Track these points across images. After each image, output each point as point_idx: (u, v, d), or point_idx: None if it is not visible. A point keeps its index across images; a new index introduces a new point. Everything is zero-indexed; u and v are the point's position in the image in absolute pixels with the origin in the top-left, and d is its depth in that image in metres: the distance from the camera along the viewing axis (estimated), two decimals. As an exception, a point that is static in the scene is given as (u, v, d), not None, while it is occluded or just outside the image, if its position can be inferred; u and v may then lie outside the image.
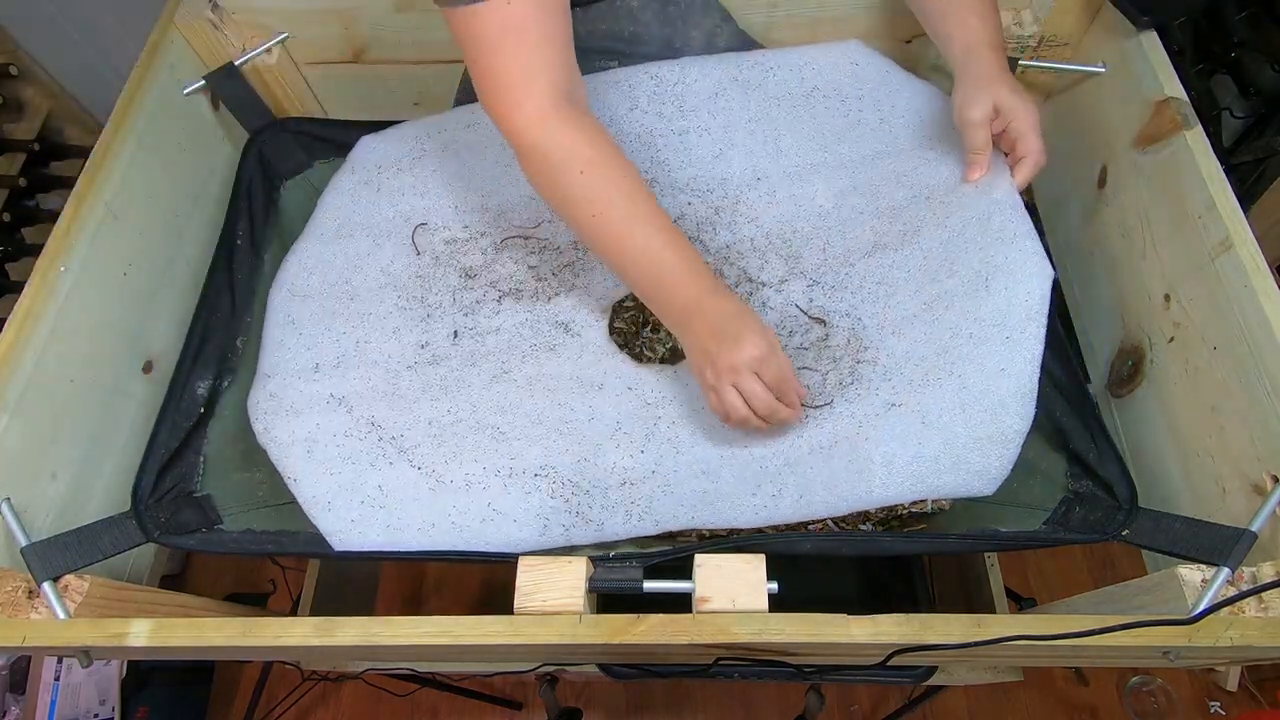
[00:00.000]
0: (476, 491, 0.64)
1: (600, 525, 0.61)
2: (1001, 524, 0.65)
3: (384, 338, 0.72)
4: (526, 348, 0.71)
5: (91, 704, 1.21)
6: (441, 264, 0.76)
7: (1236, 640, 0.47)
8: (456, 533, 0.62)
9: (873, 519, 0.75)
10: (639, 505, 0.62)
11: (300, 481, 0.65)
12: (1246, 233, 0.58)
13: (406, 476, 0.65)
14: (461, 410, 0.68)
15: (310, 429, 0.67)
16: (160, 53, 0.77)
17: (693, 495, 0.62)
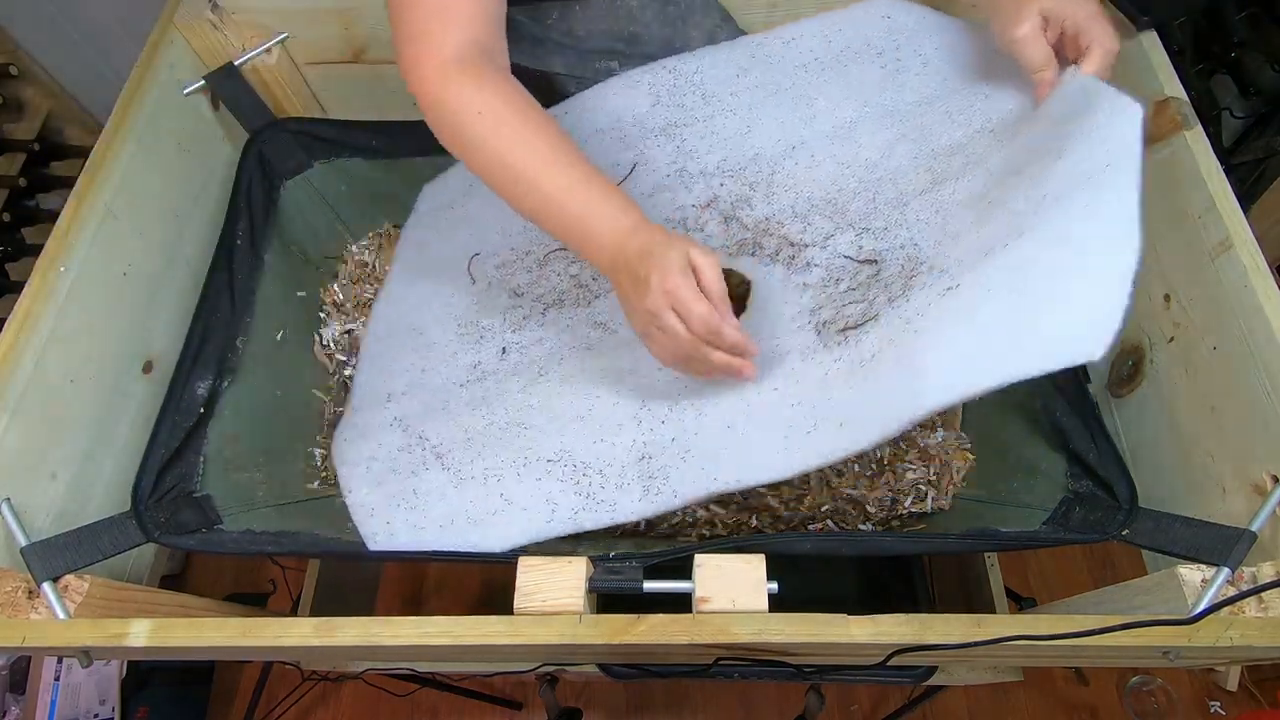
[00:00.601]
0: (492, 484, 0.65)
1: (613, 505, 0.60)
2: (1001, 524, 0.65)
3: (443, 363, 0.76)
4: (565, 351, 0.72)
5: (91, 704, 1.21)
6: (494, 288, 0.78)
7: (1236, 640, 0.47)
8: (471, 526, 0.63)
9: (872, 519, 0.75)
10: (656, 479, 0.61)
11: (353, 492, 0.69)
12: (1246, 233, 0.58)
13: (437, 479, 0.67)
14: (496, 415, 0.70)
15: (373, 448, 0.72)
16: (160, 53, 0.77)
17: (715, 456, 0.59)
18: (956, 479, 0.76)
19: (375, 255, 0.94)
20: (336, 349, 0.88)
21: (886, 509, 0.76)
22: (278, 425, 0.78)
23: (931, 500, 0.75)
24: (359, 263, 0.94)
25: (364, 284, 0.93)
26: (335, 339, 0.88)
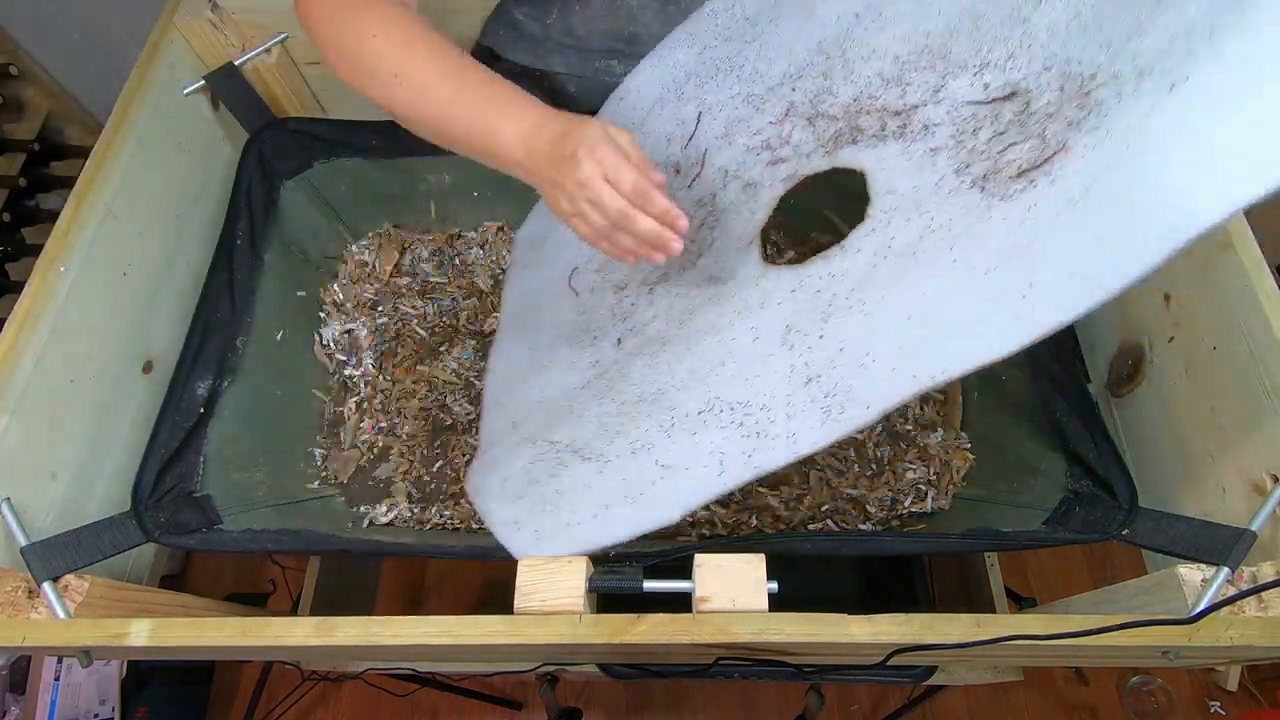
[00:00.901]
0: (642, 456, 0.59)
1: (792, 437, 0.53)
2: (1001, 524, 0.65)
3: (560, 376, 0.72)
4: (683, 315, 0.66)
5: (91, 704, 1.21)
6: (597, 292, 0.75)
7: (1236, 640, 0.47)
8: (629, 505, 0.57)
9: (872, 519, 0.75)
10: (836, 397, 0.52)
11: (494, 512, 0.65)
12: (1246, 233, 0.58)
13: (578, 472, 0.62)
14: (627, 394, 0.64)
15: (505, 470, 0.68)
16: (160, 53, 0.77)
17: (905, 351, 0.50)
18: (956, 479, 0.76)
19: (375, 255, 0.94)
20: (336, 349, 0.88)
21: (886, 509, 0.76)
22: (278, 425, 0.78)
23: (931, 500, 0.75)
24: (359, 263, 0.94)
25: (364, 284, 0.93)
26: (335, 339, 0.89)
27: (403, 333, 0.89)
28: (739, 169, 0.68)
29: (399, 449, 0.82)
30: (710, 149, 0.70)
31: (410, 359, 0.87)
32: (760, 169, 0.67)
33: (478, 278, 0.93)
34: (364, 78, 0.59)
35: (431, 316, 0.91)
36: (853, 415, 0.51)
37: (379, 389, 0.86)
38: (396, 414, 0.84)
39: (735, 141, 0.69)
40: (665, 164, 0.73)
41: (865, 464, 0.79)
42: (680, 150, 0.73)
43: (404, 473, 0.81)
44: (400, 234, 0.96)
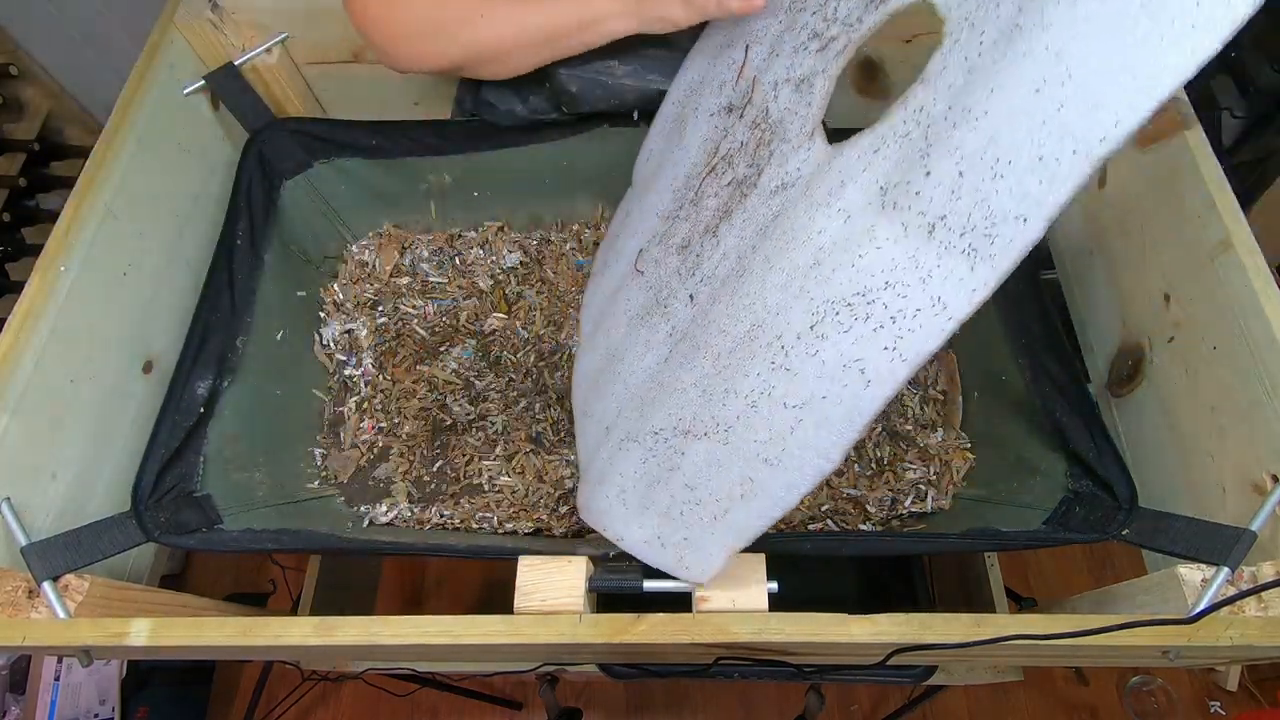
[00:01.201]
0: (764, 405, 0.51)
1: (938, 301, 0.44)
2: (1001, 524, 0.65)
3: (638, 359, 0.67)
4: (756, 238, 0.60)
5: (91, 704, 1.21)
6: (661, 262, 0.70)
7: (1236, 640, 0.47)
8: (774, 469, 0.50)
9: (872, 519, 0.75)
10: (975, 229, 0.43)
11: (626, 535, 0.58)
12: (1246, 233, 0.58)
13: (699, 452, 0.54)
14: (719, 346, 0.56)
15: (619, 483, 0.61)
16: (160, 53, 0.77)
17: (1047, 129, 0.41)
18: (956, 479, 0.76)
19: (375, 255, 0.94)
20: (336, 349, 0.88)
21: (886, 509, 0.76)
22: (278, 425, 0.78)
23: (931, 500, 0.75)
24: (359, 263, 0.94)
25: (364, 284, 0.93)
26: (335, 339, 0.89)
27: (403, 333, 0.89)
28: (788, 73, 0.62)
29: (399, 449, 0.82)
30: (759, 73, 0.66)
31: (410, 359, 0.87)
32: (810, 60, 0.60)
33: (478, 278, 0.93)
34: (442, 30, 0.61)
35: (431, 316, 0.91)
36: (1008, 238, 0.41)
37: (379, 389, 0.86)
38: (396, 414, 0.84)
39: (783, 49, 0.64)
40: (719, 110, 0.70)
41: (865, 464, 0.79)
42: (733, 89, 0.69)
43: (404, 473, 0.81)
44: (400, 234, 0.96)
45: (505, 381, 0.86)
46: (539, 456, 0.81)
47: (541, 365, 0.87)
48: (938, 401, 0.82)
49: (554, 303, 0.91)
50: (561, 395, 0.85)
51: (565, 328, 0.89)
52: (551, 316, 0.90)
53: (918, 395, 0.83)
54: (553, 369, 0.87)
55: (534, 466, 0.80)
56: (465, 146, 0.88)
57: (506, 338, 0.89)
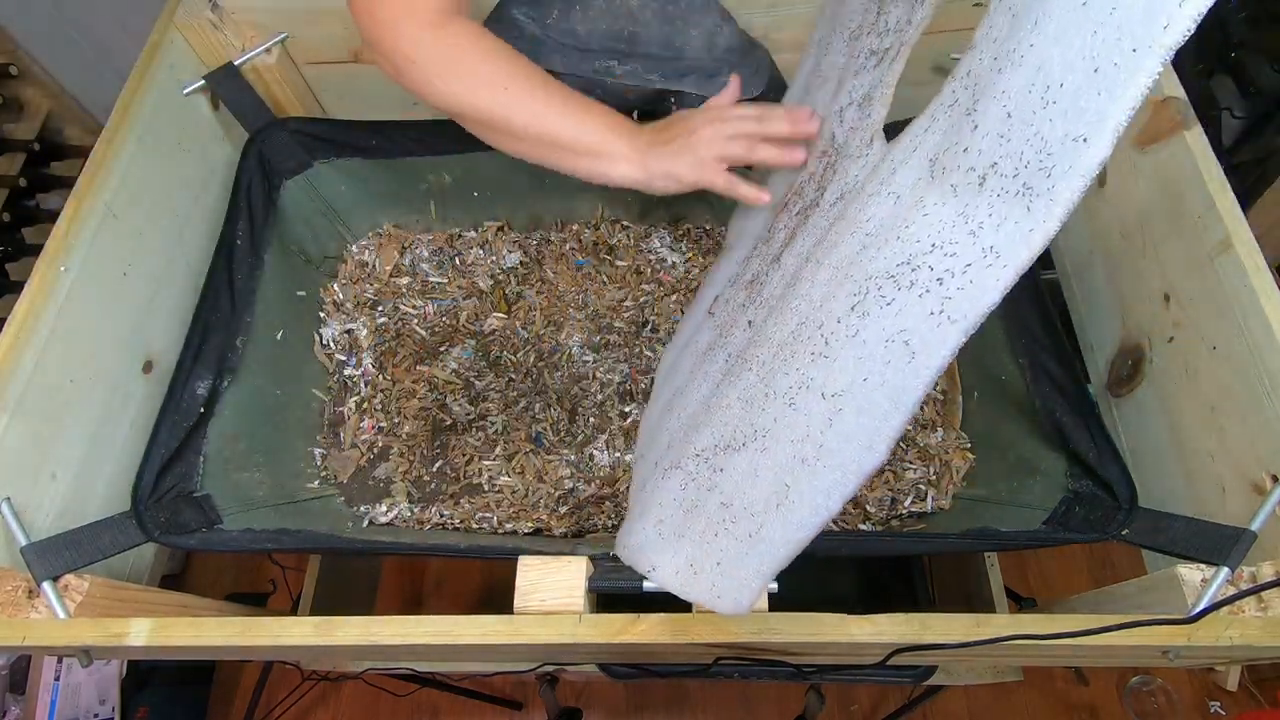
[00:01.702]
0: (802, 400, 0.47)
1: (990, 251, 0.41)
2: (1001, 524, 0.65)
3: (695, 393, 0.64)
4: (812, 246, 0.57)
5: (91, 704, 1.21)
6: (730, 301, 0.68)
7: (1236, 640, 0.47)
8: (813, 471, 0.45)
9: (873, 519, 0.75)
10: (1029, 167, 0.40)
11: (660, 566, 0.53)
12: (1246, 233, 0.58)
13: (738, 464, 0.51)
14: (763, 356, 0.54)
15: (658, 513, 0.56)
16: (160, 53, 0.77)
17: (1100, 41, 0.39)
18: (956, 479, 0.76)
19: (375, 255, 0.94)
20: (336, 349, 0.88)
21: (886, 509, 0.76)
22: (278, 425, 0.78)
23: (931, 500, 0.75)
24: (359, 263, 0.94)
25: (364, 284, 0.93)
26: (335, 339, 0.89)
27: (403, 333, 0.89)
28: (850, 96, 0.62)
29: (399, 449, 0.82)
30: (827, 110, 0.65)
31: (410, 359, 0.87)
32: (869, 76, 0.59)
33: (478, 278, 0.93)
34: (469, 95, 0.63)
35: (431, 316, 0.91)
36: (1067, 164, 0.38)
37: (379, 389, 0.86)
38: (396, 414, 0.84)
39: (846, 79, 0.63)
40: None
41: (865, 464, 0.79)
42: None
43: (404, 473, 0.81)
44: (400, 234, 0.96)
45: (505, 381, 0.86)
46: (539, 456, 0.81)
47: (541, 365, 0.87)
48: (938, 401, 0.82)
49: (554, 303, 0.91)
50: (561, 395, 0.85)
51: (565, 328, 0.89)
52: (551, 316, 0.90)
53: (918, 395, 0.82)
54: (553, 369, 0.87)
55: (534, 466, 0.80)
56: (465, 146, 0.87)
57: (506, 338, 0.89)
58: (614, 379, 0.86)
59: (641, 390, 0.85)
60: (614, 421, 0.83)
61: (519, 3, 0.75)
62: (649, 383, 0.86)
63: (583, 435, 0.82)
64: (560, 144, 0.64)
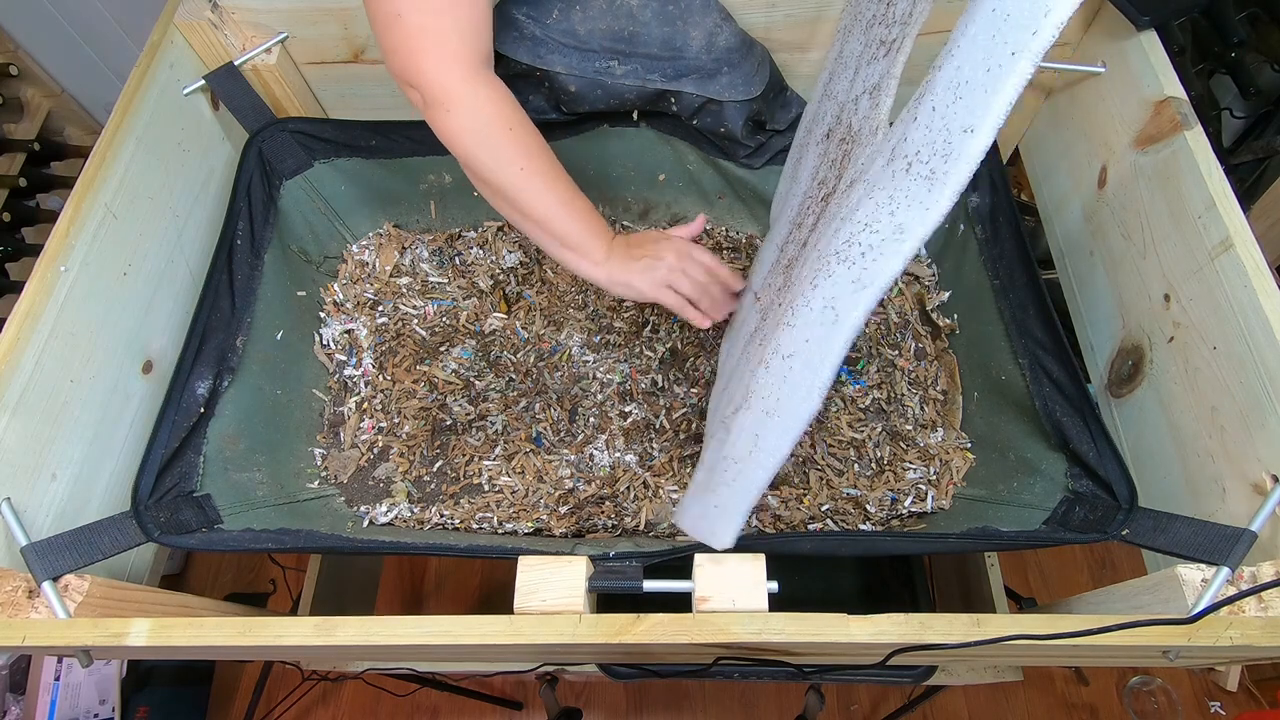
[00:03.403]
0: (775, 363, 0.55)
1: (899, 230, 0.48)
2: (1001, 524, 0.65)
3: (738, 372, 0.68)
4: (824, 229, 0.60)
5: (91, 704, 1.21)
6: (771, 286, 0.70)
7: (1236, 640, 0.47)
8: (774, 419, 0.53)
9: (873, 519, 0.75)
10: (936, 152, 0.46)
11: (684, 519, 0.62)
12: (1246, 233, 0.58)
13: (740, 423, 0.57)
14: (769, 330, 0.59)
15: (698, 477, 0.65)
16: (160, 53, 0.77)
17: (993, 38, 0.44)
18: (956, 479, 0.76)
19: (375, 255, 0.94)
20: (336, 349, 0.88)
21: (886, 508, 0.76)
22: (278, 425, 0.78)
23: (931, 500, 0.75)
24: (359, 263, 0.94)
25: (364, 284, 0.93)
26: (335, 339, 0.89)
27: (403, 333, 0.89)
28: (864, 85, 0.65)
29: (399, 449, 0.82)
30: (845, 96, 0.68)
31: (410, 359, 0.87)
32: (880, 66, 0.62)
33: (478, 278, 0.93)
34: (490, 163, 0.66)
35: (431, 316, 0.91)
36: (958, 152, 0.43)
37: (379, 389, 0.86)
38: (396, 414, 0.84)
39: (862, 66, 0.66)
40: (821, 138, 0.72)
41: (865, 464, 0.79)
42: (832, 117, 0.71)
43: (404, 473, 0.81)
44: (400, 234, 0.96)
45: (505, 381, 0.86)
46: (539, 456, 0.81)
47: (541, 365, 0.87)
48: (938, 401, 0.82)
49: (554, 303, 0.91)
50: (561, 395, 0.85)
51: (565, 328, 0.89)
52: (551, 316, 0.90)
53: (918, 395, 0.83)
54: (553, 369, 0.87)
55: (534, 466, 0.80)
56: (465, 146, 0.88)
57: (506, 338, 0.89)
58: (614, 379, 0.86)
59: (641, 390, 0.85)
60: (614, 421, 0.83)
61: (519, 3, 0.75)
62: (649, 383, 0.86)
63: (583, 435, 0.82)
64: (549, 230, 0.69)
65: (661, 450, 0.81)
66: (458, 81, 0.63)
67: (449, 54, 0.62)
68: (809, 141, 0.75)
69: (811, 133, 0.75)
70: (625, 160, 0.91)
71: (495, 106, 0.65)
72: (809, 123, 0.77)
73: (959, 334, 0.84)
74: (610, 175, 0.92)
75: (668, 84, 0.78)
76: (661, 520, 0.77)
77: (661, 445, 0.82)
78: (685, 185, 0.93)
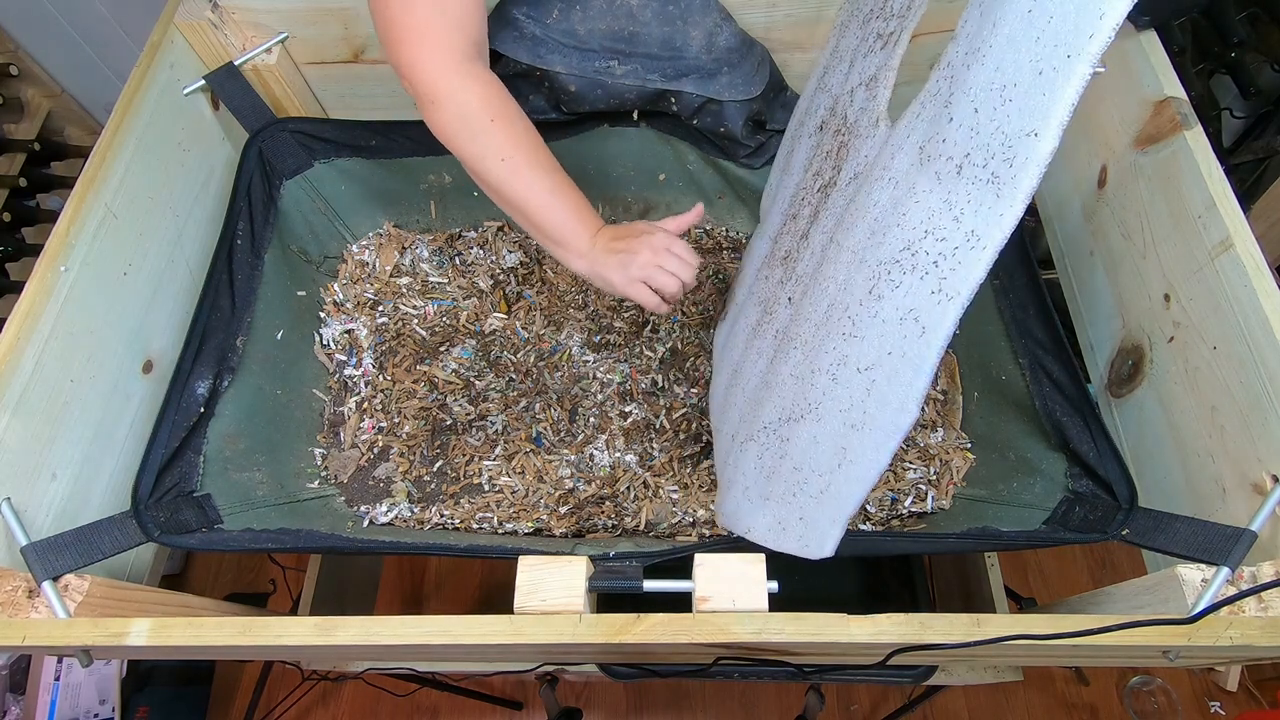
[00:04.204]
0: (842, 375, 0.54)
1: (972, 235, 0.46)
2: (1001, 524, 0.65)
3: (752, 366, 0.69)
4: (834, 227, 0.61)
5: (91, 704, 1.21)
6: (769, 278, 0.72)
7: (1236, 640, 0.47)
8: (860, 433, 0.52)
9: (873, 519, 0.75)
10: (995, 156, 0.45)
11: (753, 528, 0.61)
12: (1246, 233, 0.58)
13: (800, 434, 0.57)
14: (805, 335, 0.59)
15: (744, 481, 0.64)
16: (160, 53, 0.77)
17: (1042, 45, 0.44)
18: (956, 479, 0.76)
19: (375, 255, 0.94)
20: (336, 349, 0.88)
21: (886, 508, 0.76)
22: (278, 425, 0.78)
23: (931, 500, 0.75)
24: (359, 263, 0.94)
25: (364, 284, 0.93)
26: (335, 339, 0.89)
27: (403, 333, 0.89)
28: (860, 77, 0.65)
29: (399, 449, 0.82)
30: (841, 88, 0.68)
31: (410, 359, 0.87)
32: (876, 59, 0.63)
33: (478, 278, 0.93)
34: (470, 147, 0.66)
35: (431, 316, 0.91)
36: (1024, 156, 0.43)
37: (379, 389, 0.86)
38: (396, 414, 0.84)
39: (858, 59, 0.67)
40: (815, 130, 0.72)
41: (865, 464, 0.79)
42: (825, 109, 0.71)
43: (404, 473, 0.81)
44: (400, 234, 0.96)
45: (505, 381, 0.86)
46: (539, 456, 0.81)
47: (541, 365, 0.87)
48: (938, 401, 0.82)
49: (554, 303, 0.91)
50: (561, 395, 0.85)
51: (565, 328, 0.89)
52: (551, 316, 0.90)
53: (918, 395, 0.83)
54: (553, 369, 0.87)
55: (534, 466, 0.80)
56: (465, 146, 0.88)
57: (506, 338, 0.89)
58: (614, 379, 0.86)
59: (641, 390, 0.85)
60: (614, 421, 0.83)
61: (519, 2, 0.75)
62: (649, 383, 0.86)
63: (583, 435, 0.82)
64: (534, 221, 0.69)
65: (661, 450, 0.81)
66: (443, 73, 0.63)
67: (433, 44, 0.62)
68: (801, 134, 0.75)
69: (804, 125, 0.75)
70: (625, 160, 0.91)
71: (480, 99, 0.64)
72: (801, 116, 0.77)
73: (959, 334, 0.84)
74: (610, 175, 0.92)
75: (668, 84, 0.78)
76: (661, 520, 0.77)
77: (661, 445, 0.82)
78: (685, 185, 0.93)
